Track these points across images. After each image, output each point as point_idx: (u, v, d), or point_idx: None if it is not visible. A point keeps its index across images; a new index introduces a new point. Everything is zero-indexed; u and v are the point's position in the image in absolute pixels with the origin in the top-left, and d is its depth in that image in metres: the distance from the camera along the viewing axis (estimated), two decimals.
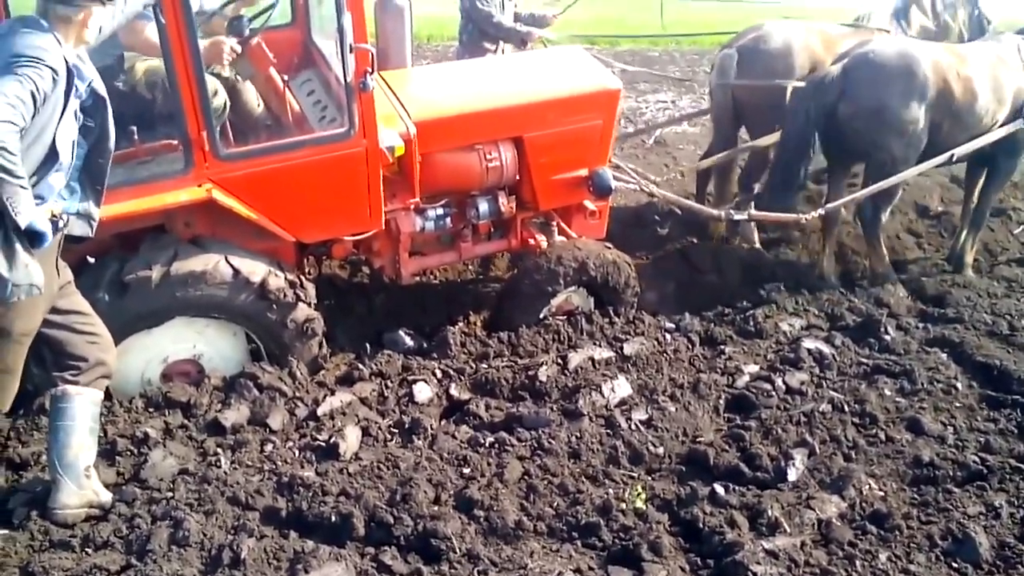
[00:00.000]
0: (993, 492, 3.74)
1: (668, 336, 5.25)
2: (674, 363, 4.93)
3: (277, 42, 4.87)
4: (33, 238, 3.03)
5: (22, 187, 2.91)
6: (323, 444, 3.92)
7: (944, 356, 5.06)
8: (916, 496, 3.79)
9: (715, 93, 6.88)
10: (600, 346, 4.98)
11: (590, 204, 5.45)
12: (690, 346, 5.18)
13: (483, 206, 5.11)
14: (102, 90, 3.27)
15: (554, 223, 5.46)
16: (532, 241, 5.36)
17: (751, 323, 5.44)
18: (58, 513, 3.39)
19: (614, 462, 3.95)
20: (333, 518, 3.39)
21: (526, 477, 3.77)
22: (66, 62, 3.07)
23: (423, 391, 4.46)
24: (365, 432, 4.07)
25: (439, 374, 4.68)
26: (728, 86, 6.58)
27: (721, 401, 4.56)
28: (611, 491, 3.69)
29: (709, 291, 6.07)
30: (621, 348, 4.96)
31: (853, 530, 3.52)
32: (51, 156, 3.12)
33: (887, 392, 4.62)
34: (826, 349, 5.02)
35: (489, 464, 3.83)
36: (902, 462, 4.02)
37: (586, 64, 5.59)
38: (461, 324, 5.29)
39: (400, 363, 4.75)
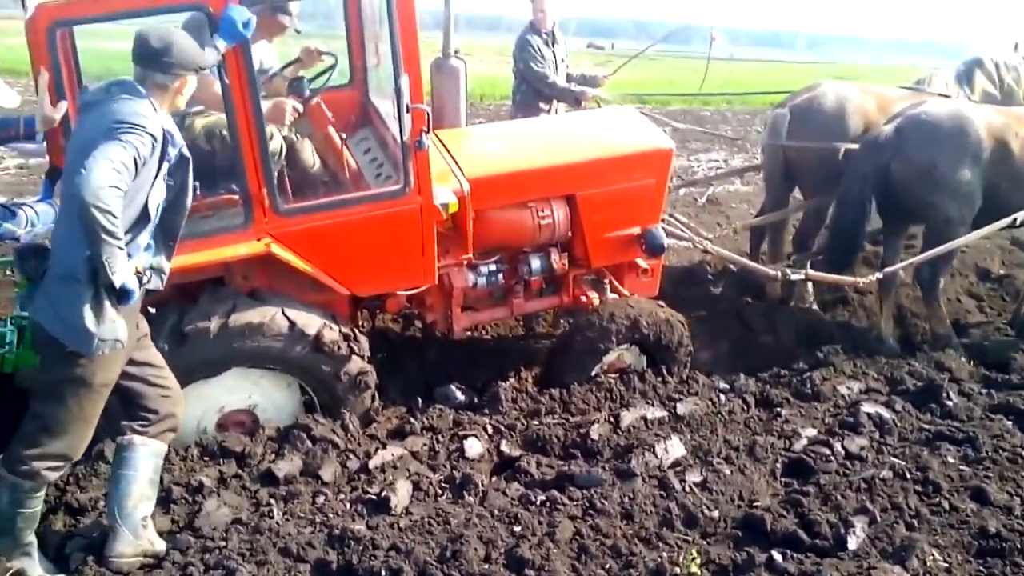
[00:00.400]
0: None
1: (723, 397, 5.19)
2: (729, 424, 4.85)
3: (336, 101, 5.00)
4: (123, 295, 3.13)
5: (120, 248, 3.03)
6: (374, 497, 3.91)
7: (1009, 423, 4.90)
8: (982, 568, 3.64)
9: (767, 152, 6.88)
10: (653, 405, 4.93)
11: (642, 262, 5.45)
12: (745, 407, 5.11)
13: (535, 262, 5.14)
14: (186, 151, 3.39)
15: (606, 280, 5.46)
16: (584, 298, 5.34)
17: (808, 385, 5.35)
18: (114, 561, 3.43)
19: (668, 525, 3.87)
20: (383, 572, 3.36)
21: (578, 537, 3.71)
22: (162, 129, 3.21)
23: (474, 447, 4.44)
24: (416, 486, 4.05)
25: (490, 430, 4.66)
26: (779, 146, 6.57)
27: (778, 465, 4.46)
28: (665, 555, 3.61)
29: (764, 352, 5.99)
30: (675, 408, 4.90)
31: None
32: (143, 217, 3.25)
33: (950, 459, 4.48)
34: (886, 414, 4.90)
35: (540, 523, 3.78)
36: (967, 532, 3.87)
37: (639, 124, 5.65)
38: (512, 380, 5.28)
39: (451, 418, 4.74)
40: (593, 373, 5.20)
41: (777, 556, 3.61)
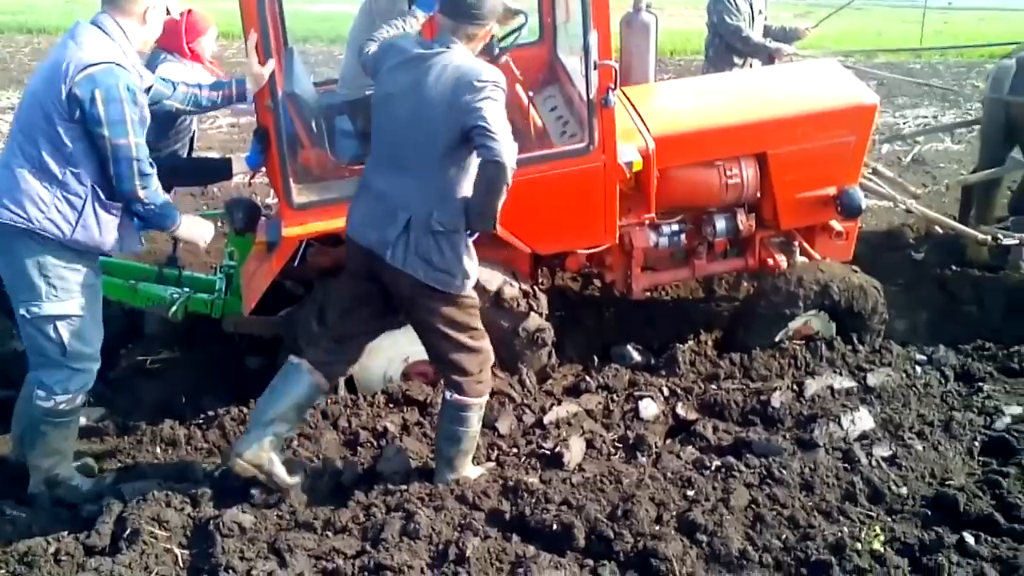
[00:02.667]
0: None
1: (919, 369, 4.90)
2: (924, 398, 4.58)
3: (524, 59, 5.02)
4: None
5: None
6: (548, 452, 3.98)
7: None
8: None
9: (986, 107, 6.34)
10: (841, 375, 4.72)
11: (837, 224, 5.19)
12: (943, 381, 4.81)
13: (720, 223, 4.98)
14: None
15: (796, 243, 5.25)
16: (771, 261, 5.16)
17: (1015, 360, 4.97)
18: (234, 459, 3.64)
19: (851, 499, 3.71)
20: (555, 526, 3.42)
21: (753, 506, 3.62)
22: None
23: (649, 408, 4.42)
24: (589, 444, 4.09)
25: (666, 392, 4.62)
26: (1003, 100, 6.04)
27: (976, 443, 4.17)
28: (846, 529, 3.46)
29: (968, 323, 5.60)
30: (864, 378, 4.67)
31: None
32: None
33: None
34: None
35: (714, 488, 3.72)
36: None
37: (840, 78, 5.35)
38: (691, 342, 5.20)
39: (627, 378, 4.74)
40: (777, 339, 5.04)
41: (969, 538, 3.38)
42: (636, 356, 5.06)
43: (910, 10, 21.98)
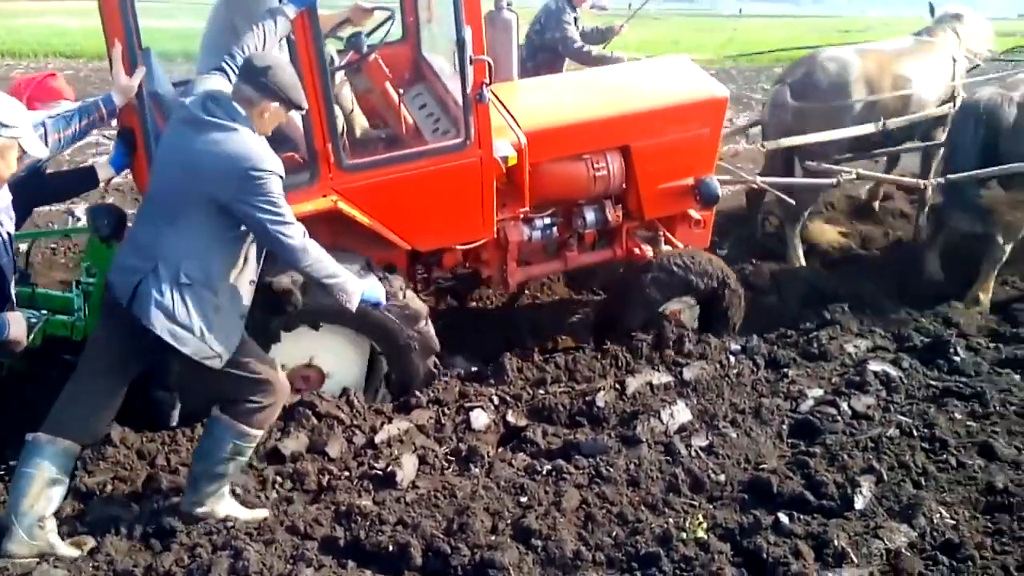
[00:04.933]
0: None
1: (732, 359, 5.15)
2: (736, 387, 4.84)
3: (389, 58, 4.97)
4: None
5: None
6: (380, 472, 3.92)
7: (1017, 377, 4.88)
8: (989, 524, 3.62)
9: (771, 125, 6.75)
10: (658, 370, 4.92)
11: (695, 213, 5.45)
12: (754, 369, 5.08)
13: (590, 215, 5.13)
14: None
15: (660, 233, 5.47)
16: (637, 251, 5.38)
17: (814, 345, 5.33)
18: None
19: (674, 490, 3.87)
20: (391, 548, 3.37)
21: (584, 506, 3.71)
22: None
23: (480, 418, 4.44)
24: (422, 460, 4.07)
25: (496, 400, 4.67)
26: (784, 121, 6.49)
27: (784, 426, 4.45)
28: (671, 520, 3.61)
29: (769, 312, 5.96)
30: (680, 373, 4.88)
31: (923, 560, 3.38)
32: None
33: (957, 416, 4.46)
34: (893, 372, 4.88)
35: (547, 492, 3.79)
36: (974, 489, 3.86)
37: (691, 73, 5.62)
38: (518, 349, 5.27)
39: (457, 390, 4.74)
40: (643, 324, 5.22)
41: (784, 518, 3.60)
42: (465, 366, 5.08)
43: (704, 18, 23.32)
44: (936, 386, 4.80)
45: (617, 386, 4.74)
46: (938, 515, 3.61)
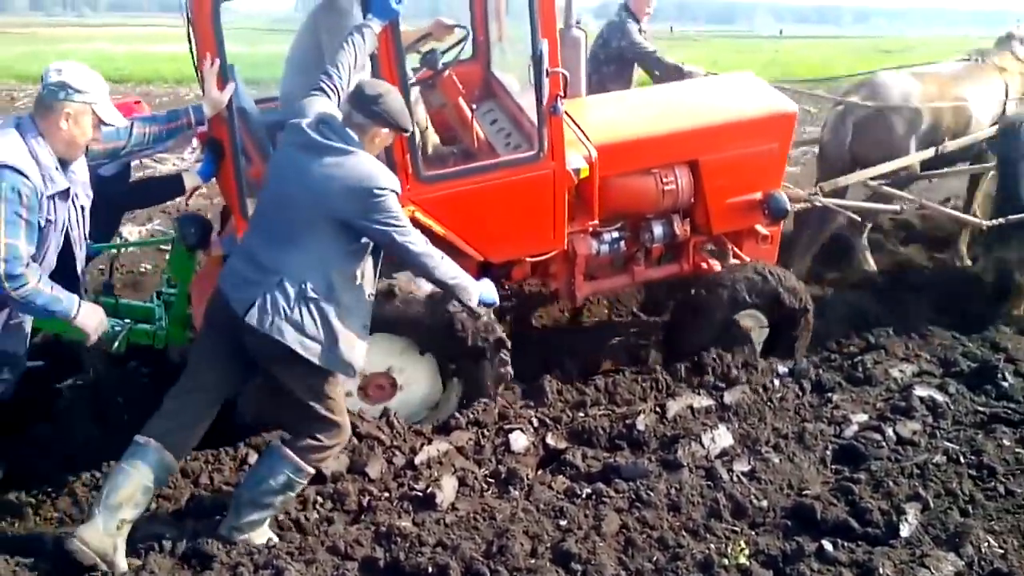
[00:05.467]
0: None
1: (776, 383, 5.10)
2: (778, 412, 4.79)
3: (460, 75, 5.04)
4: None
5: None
6: (420, 494, 3.94)
7: None
8: None
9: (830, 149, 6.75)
10: (699, 394, 4.89)
11: (762, 228, 5.48)
12: (798, 394, 5.03)
13: (658, 229, 5.19)
14: None
15: (728, 247, 5.51)
16: (704, 265, 5.42)
17: (859, 369, 5.26)
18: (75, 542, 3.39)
19: (715, 515, 3.83)
20: (430, 569, 3.37)
21: (624, 530, 3.69)
22: None
23: (519, 440, 4.44)
24: (462, 482, 4.07)
25: (535, 423, 4.66)
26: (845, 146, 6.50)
27: (828, 452, 4.39)
28: (712, 546, 3.57)
29: (815, 336, 5.87)
30: (721, 397, 4.85)
31: None
32: None
33: (1006, 442, 4.36)
34: (939, 397, 4.80)
35: (586, 516, 3.77)
36: (1023, 517, 3.78)
37: (759, 89, 5.68)
38: (558, 371, 5.27)
39: (497, 411, 4.74)
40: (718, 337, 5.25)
41: (828, 545, 3.54)
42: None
43: (743, 39, 23.25)
44: (983, 412, 4.71)
45: (658, 409, 4.72)
46: (986, 544, 3.53)
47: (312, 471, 3.66)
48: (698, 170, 5.14)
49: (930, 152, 6.36)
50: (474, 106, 5.00)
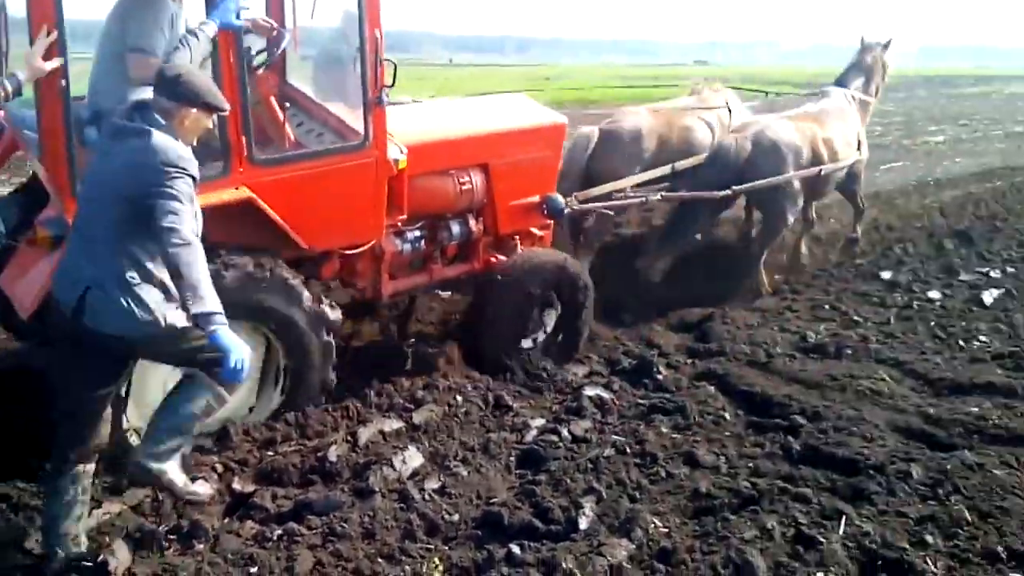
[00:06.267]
0: (765, 514, 3.95)
1: (458, 399, 5.25)
2: (464, 426, 4.94)
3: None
4: None
5: None
6: (90, 563, 3.59)
7: (712, 389, 5.39)
8: (697, 528, 3.95)
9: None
10: (389, 417, 4.92)
11: (536, 230, 6.05)
12: (482, 406, 5.21)
13: (455, 228, 5.59)
14: None
15: (515, 244, 5.92)
16: (493, 259, 5.80)
17: (533, 378, 5.55)
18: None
19: (410, 536, 3.87)
20: None
21: (319, 567, 3.61)
22: None
23: (203, 489, 4.20)
24: (139, 544, 3.77)
25: (220, 468, 4.43)
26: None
27: (512, 459, 4.60)
28: (408, 568, 3.61)
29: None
30: (411, 417, 4.91)
31: (642, 571, 3.62)
32: None
33: (664, 429, 4.85)
34: (606, 395, 5.22)
35: (278, 559, 3.64)
36: (682, 496, 4.20)
37: (533, 105, 6.43)
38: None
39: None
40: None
41: (515, 549, 3.71)
42: None
43: (413, 66, 23.93)
44: (644, 404, 5.19)
45: (349, 438, 4.69)
46: (652, 526, 3.88)
47: (228, 398, 3.78)
48: (488, 173, 5.61)
49: (666, 169, 7.27)
50: (287, 104, 5.16)
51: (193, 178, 3.41)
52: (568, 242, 7.16)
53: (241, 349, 3.33)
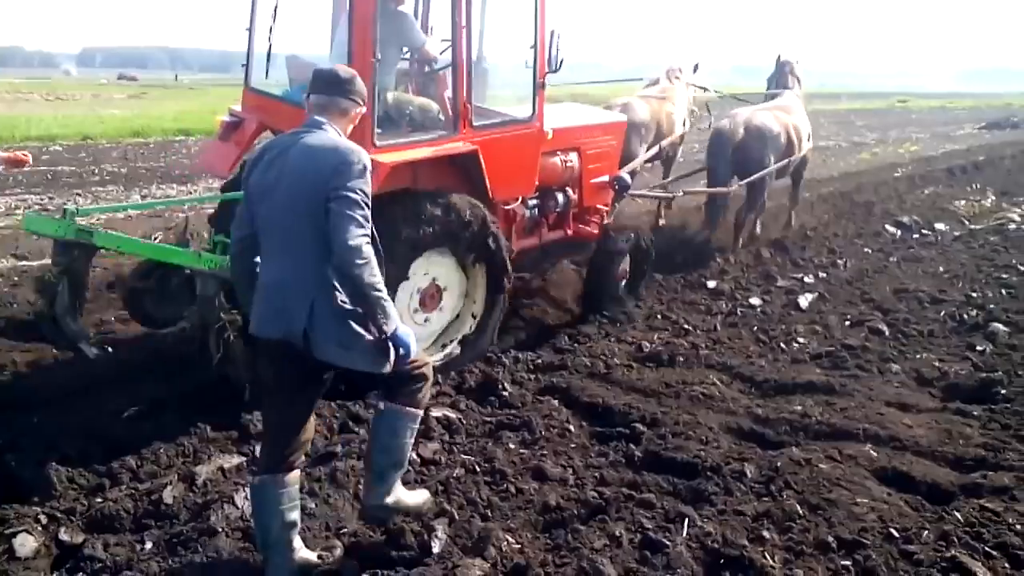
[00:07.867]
0: (613, 522, 4.06)
1: None
2: (311, 455, 4.80)
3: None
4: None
5: None
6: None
7: (555, 402, 5.49)
8: (549, 541, 4.01)
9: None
10: (229, 453, 4.74)
11: (602, 206, 7.71)
12: (328, 433, 5.10)
13: (560, 197, 7.06)
14: None
15: (600, 216, 7.62)
16: (582, 226, 7.46)
17: None
18: None
19: None
20: None
21: None
22: None
23: (26, 544, 3.88)
24: None
25: (44, 519, 4.11)
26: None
27: (360, 486, 4.51)
28: None
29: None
30: (253, 451, 4.74)
31: None
32: None
33: (511, 446, 4.90)
34: (453, 415, 5.21)
35: None
36: (532, 511, 4.26)
37: (595, 109, 8.71)
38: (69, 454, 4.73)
39: None
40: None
41: None
42: None
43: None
44: (491, 421, 5.23)
45: (186, 478, 4.47)
46: (505, 543, 3.90)
47: (421, 412, 3.83)
48: (580, 155, 7.22)
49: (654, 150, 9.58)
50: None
51: (367, 167, 3.43)
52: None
53: (407, 332, 3.50)
